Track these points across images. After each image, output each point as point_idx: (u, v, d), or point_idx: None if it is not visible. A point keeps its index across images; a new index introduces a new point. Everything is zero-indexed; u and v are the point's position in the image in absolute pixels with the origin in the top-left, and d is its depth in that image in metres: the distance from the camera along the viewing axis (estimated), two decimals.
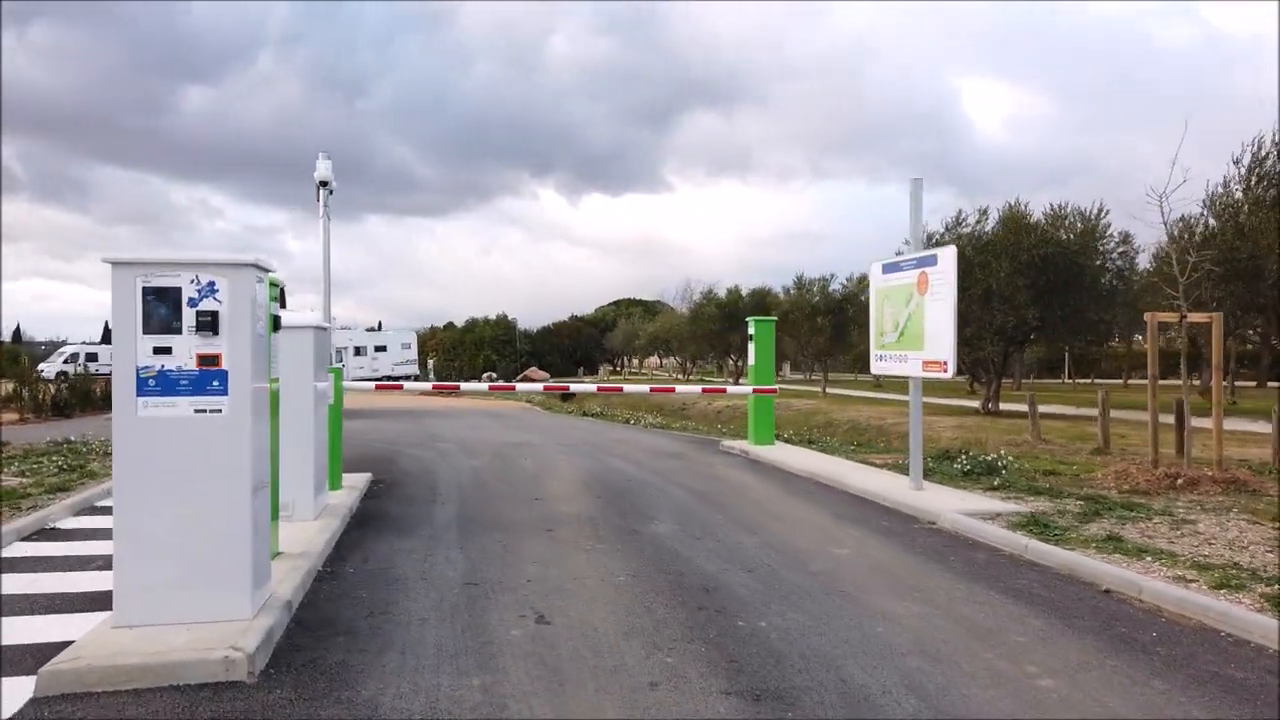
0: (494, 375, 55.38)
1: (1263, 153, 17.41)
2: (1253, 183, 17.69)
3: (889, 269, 10.50)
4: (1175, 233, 11.50)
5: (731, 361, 48.03)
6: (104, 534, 8.10)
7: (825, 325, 36.12)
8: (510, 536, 8.16)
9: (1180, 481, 9.91)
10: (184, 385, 5.26)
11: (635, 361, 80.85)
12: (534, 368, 59.42)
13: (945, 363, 9.23)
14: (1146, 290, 25.66)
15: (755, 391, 14.13)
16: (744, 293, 44.21)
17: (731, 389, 16.38)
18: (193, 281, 5.27)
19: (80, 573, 6.80)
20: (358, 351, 53.51)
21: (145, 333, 5.23)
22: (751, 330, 14.77)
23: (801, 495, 10.43)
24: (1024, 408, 30.93)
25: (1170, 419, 12.57)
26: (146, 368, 5.21)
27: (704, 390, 19.04)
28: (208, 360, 5.29)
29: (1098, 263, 25.80)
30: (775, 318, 16.32)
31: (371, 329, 63.07)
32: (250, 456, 5.35)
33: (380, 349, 53.06)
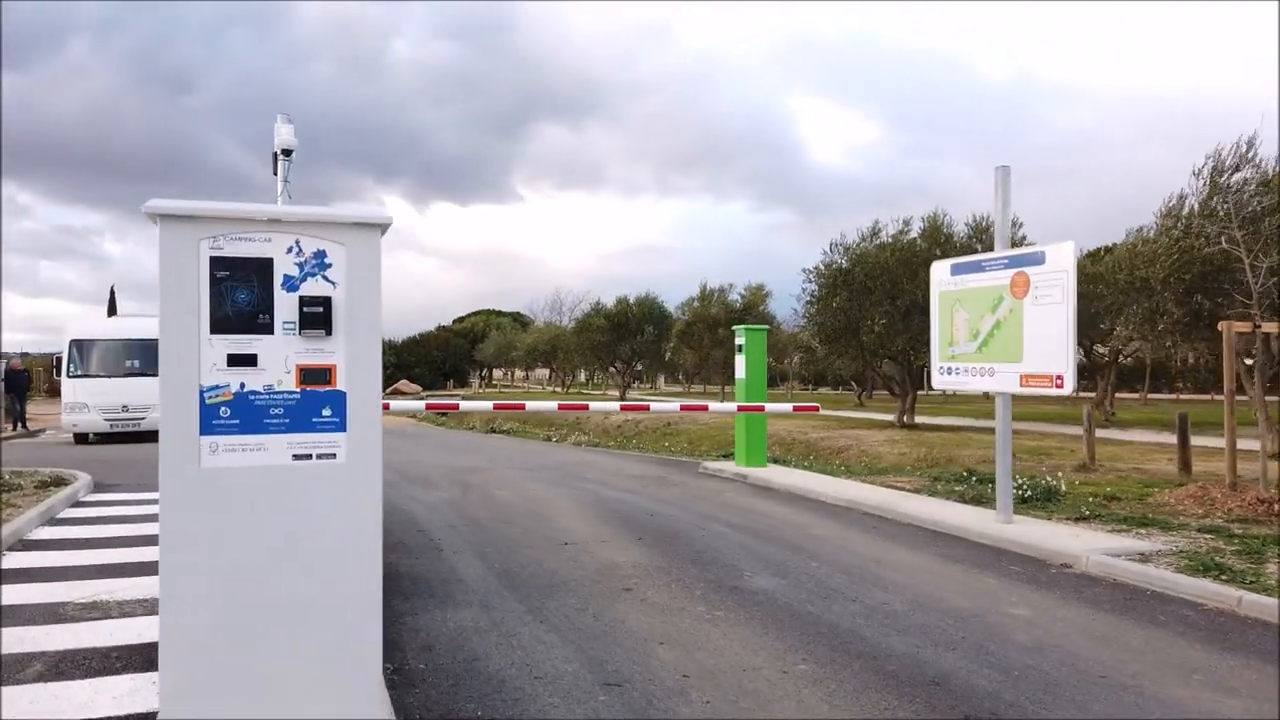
0: None
1: (1223, 165, 17.23)
2: (1210, 197, 17.50)
3: (963, 269, 9.18)
4: (1240, 236, 10.74)
5: (617, 374, 46.44)
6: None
7: (727, 336, 35.06)
8: (586, 600, 6.33)
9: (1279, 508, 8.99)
10: (277, 416, 3.29)
11: (502, 373, 78.16)
12: (404, 380, 56.15)
13: (1060, 376, 7.95)
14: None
15: (742, 409, 12.62)
16: (632, 301, 42.77)
17: (716, 406, 14.95)
18: (291, 250, 3.30)
19: (14, 687, 4.59)
20: None
21: (215, 331, 3.23)
22: (741, 340, 13.27)
23: (870, 531, 8.96)
24: (939, 421, 30.71)
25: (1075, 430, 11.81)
26: (217, 389, 3.21)
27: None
28: (315, 375, 3.33)
29: None
30: (766, 327, 14.89)
31: None
32: (379, 528, 3.41)
33: None
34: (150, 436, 21.56)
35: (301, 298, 3.30)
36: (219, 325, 3.21)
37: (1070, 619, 5.98)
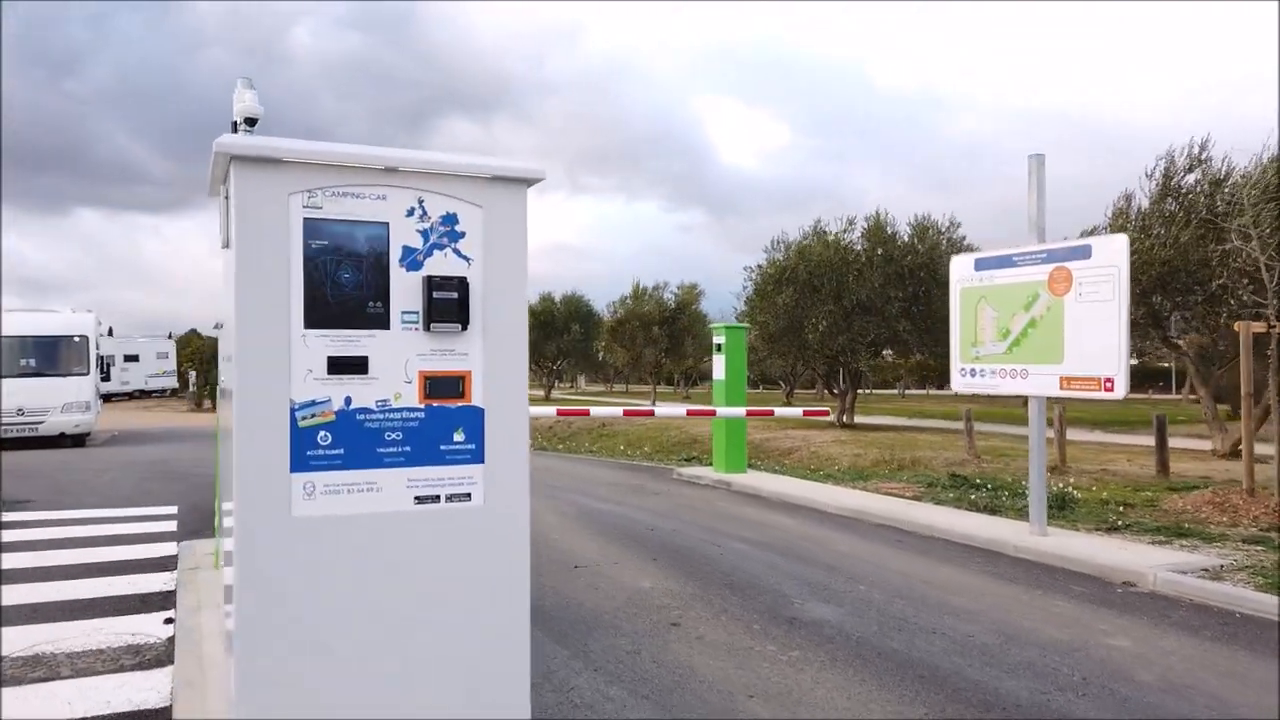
0: None
1: (1175, 167, 17.25)
2: (1162, 197, 17.53)
3: (989, 264, 8.59)
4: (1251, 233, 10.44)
5: (541, 373, 45.36)
6: None
7: (661, 336, 34.35)
8: (634, 640, 5.48)
9: None
10: (394, 443, 2.38)
11: None
12: None
13: (1111, 379, 7.41)
14: None
15: (751, 413, 11.86)
16: (557, 300, 41.70)
17: (659, 409, 14.09)
18: (413, 212, 2.39)
19: None
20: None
21: (311, 325, 2.29)
22: (720, 340, 12.52)
23: (897, 546, 8.29)
24: (875, 420, 30.60)
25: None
26: (314, 405, 2.28)
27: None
28: (444, 386, 2.43)
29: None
30: (746, 325, 14.16)
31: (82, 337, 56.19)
32: (526, 596, 2.52)
33: (131, 358, 46.02)
34: (47, 442, 19.66)
35: (427, 279, 2.38)
36: (316, 316, 2.28)
37: (1180, 651, 5.37)
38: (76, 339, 20.61)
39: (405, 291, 2.37)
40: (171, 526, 9.07)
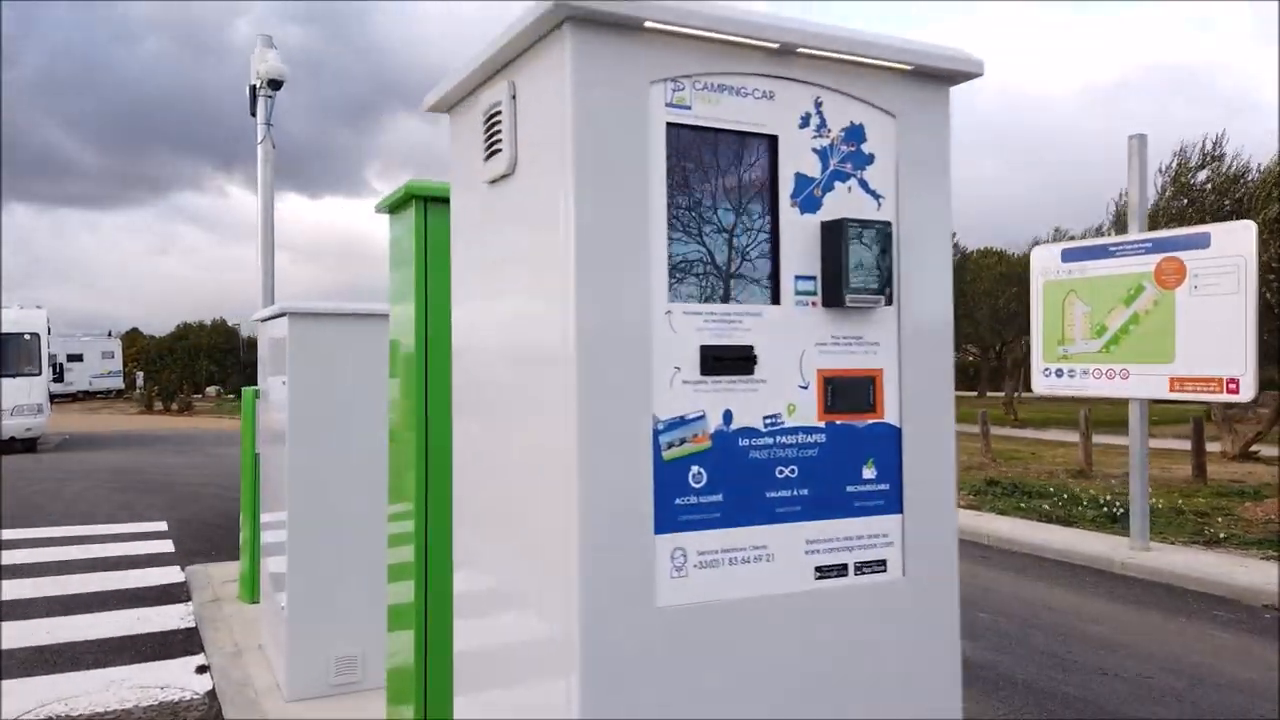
0: (221, 389, 47.72)
1: (1190, 163, 16.93)
2: (1169, 193, 17.23)
3: (1080, 255, 7.90)
4: None
5: None
6: None
7: None
8: None
9: None
10: (786, 482, 1.48)
11: None
12: None
13: (1235, 381, 6.74)
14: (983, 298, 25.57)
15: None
16: None
17: None
18: (807, 120, 1.51)
19: None
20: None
21: (676, 297, 1.38)
22: None
23: (985, 562, 7.56)
24: None
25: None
26: (682, 426, 1.38)
27: None
28: (849, 393, 1.55)
29: None
30: None
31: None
32: (958, 702, 1.65)
33: (75, 358, 43.88)
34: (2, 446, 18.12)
35: (831, 226, 1.52)
36: (684, 284, 1.41)
37: None
38: (27, 337, 19.17)
39: (799, 244, 1.51)
40: (167, 546, 8.02)
